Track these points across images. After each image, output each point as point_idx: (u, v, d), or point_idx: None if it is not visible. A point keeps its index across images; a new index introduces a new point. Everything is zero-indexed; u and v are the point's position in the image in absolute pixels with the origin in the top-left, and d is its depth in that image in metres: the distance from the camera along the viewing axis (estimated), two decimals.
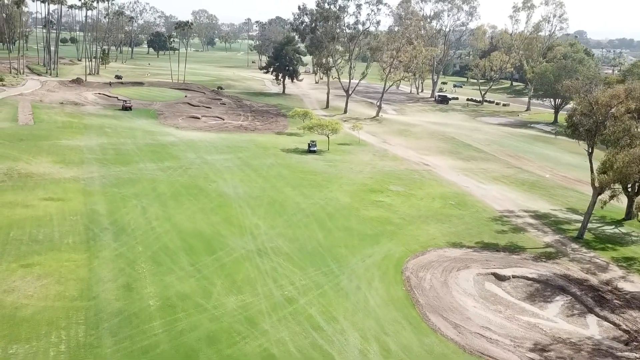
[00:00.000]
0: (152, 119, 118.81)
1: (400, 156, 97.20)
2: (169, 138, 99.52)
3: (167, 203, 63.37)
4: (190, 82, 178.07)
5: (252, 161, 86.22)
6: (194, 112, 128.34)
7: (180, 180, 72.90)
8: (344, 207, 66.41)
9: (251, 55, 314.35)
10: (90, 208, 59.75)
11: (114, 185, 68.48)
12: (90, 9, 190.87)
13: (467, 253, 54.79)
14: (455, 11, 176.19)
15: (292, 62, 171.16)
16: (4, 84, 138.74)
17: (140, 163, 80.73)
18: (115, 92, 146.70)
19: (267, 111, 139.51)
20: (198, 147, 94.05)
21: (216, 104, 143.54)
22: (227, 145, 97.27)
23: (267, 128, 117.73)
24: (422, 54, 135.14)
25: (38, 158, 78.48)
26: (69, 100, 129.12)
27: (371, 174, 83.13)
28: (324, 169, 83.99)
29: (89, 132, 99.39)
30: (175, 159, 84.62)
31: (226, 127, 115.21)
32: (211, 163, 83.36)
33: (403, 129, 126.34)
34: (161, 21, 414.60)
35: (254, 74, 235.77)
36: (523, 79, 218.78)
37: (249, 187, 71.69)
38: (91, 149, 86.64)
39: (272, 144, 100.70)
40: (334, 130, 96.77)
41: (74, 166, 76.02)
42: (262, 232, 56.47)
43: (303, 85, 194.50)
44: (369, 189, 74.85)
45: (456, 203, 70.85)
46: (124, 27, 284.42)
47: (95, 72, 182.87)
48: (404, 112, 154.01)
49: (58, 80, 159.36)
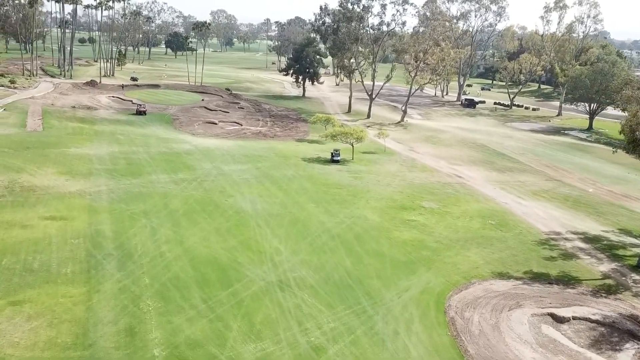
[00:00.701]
0: (167, 124, 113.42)
1: (431, 167, 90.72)
2: (184, 146, 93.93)
3: (180, 222, 57.59)
4: (207, 84, 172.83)
5: (271, 172, 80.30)
6: (211, 117, 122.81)
7: (194, 194, 67.13)
8: (373, 227, 60.17)
9: (270, 56, 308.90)
10: (95, 229, 54.12)
11: (122, 201, 62.86)
12: (107, 8, 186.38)
13: (516, 286, 48.29)
14: (483, 11, 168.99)
15: (312, 64, 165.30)
16: (15, 86, 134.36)
17: (153, 174, 75.13)
18: (130, 95, 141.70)
19: (287, 116, 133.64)
20: (214, 156, 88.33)
21: (234, 108, 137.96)
22: (245, 154, 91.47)
23: (287, 135, 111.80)
24: (450, 56, 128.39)
25: (43, 169, 73.18)
26: (82, 104, 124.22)
27: (400, 187, 76.78)
28: (349, 182, 77.80)
29: (100, 139, 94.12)
30: (190, 169, 78.96)
31: (244, 134, 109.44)
32: (228, 174, 77.57)
33: (430, 135, 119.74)
34: (179, 21, 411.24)
35: (273, 76, 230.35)
36: (551, 81, 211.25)
37: (268, 203, 65.74)
38: (101, 158, 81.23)
39: (293, 153, 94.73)
40: (359, 138, 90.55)
41: (81, 178, 70.57)
42: (284, 258, 50.44)
43: (323, 87, 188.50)
44: (400, 205, 68.51)
45: (497, 223, 64.29)
46: (142, 27, 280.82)
47: (110, 74, 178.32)
48: (430, 116, 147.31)
49: (72, 82, 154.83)
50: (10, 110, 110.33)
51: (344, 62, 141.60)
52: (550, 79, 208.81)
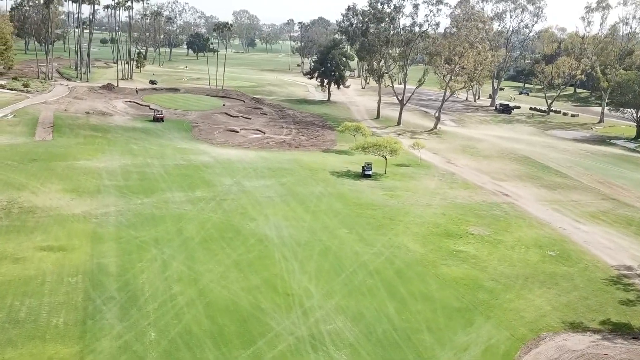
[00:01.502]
0: (186, 132, 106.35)
1: (472, 182, 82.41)
2: (203, 157, 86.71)
3: (195, 254, 50.18)
4: (229, 88, 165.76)
5: (297, 189, 72.70)
6: (232, 124, 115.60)
7: (212, 217, 59.71)
8: (417, 260, 52.19)
9: (293, 57, 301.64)
10: (97, 262, 46.90)
11: (131, 226, 55.64)
12: (126, 9, 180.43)
13: (595, 343, 40.04)
14: (519, 12, 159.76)
15: (338, 67, 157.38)
16: (29, 90, 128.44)
17: (167, 192, 67.93)
18: (148, 99, 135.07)
19: (312, 122, 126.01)
20: (235, 169, 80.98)
21: (257, 113, 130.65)
22: (268, 166, 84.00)
23: (313, 144, 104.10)
24: (488, 59, 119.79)
25: (47, 185, 66.32)
26: (96, 109, 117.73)
27: (442, 208, 68.66)
28: (383, 201, 69.87)
29: (112, 149, 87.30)
30: (208, 186, 71.64)
31: (267, 143, 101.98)
32: (250, 192, 70.11)
33: (467, 145, 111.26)
34: (201, 21, 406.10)
35: (296, 78, 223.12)
36: (587, 85, 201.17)
37: (295, 228, 58.10)
38: (112, 172, 74.23)
39: (320, 166, 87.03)
40: (393, 151, 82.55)
41: (87, 197, 63.56)
42: (315, 303, 42.72)
43: (349, 91, 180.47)
44: (444, 231, 60.43)
45: (557, 254, 55.96)
46: (163, 27, 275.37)
47: (128, 77, 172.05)
48: (464, 123, 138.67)
49: (88, 85, 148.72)
50: (20, 117, 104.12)
51: (372, 65, 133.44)
52: (586, 83, 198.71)
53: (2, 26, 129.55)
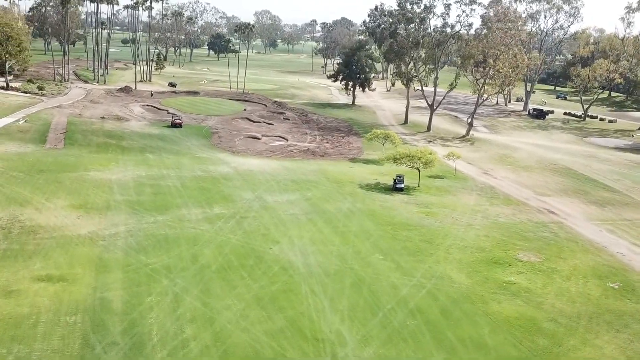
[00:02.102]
0: (205, 139, 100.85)
1: (514, 198, 75.68)
2: (222, 168, 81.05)
3: (211, 285, 44.36)
4: (250, 91, 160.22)
5: (324, 205, 66.64)
6: (253, 131, 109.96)
7: (231, 239, 53.89)
8: (463, 295, 45.81)
9: (315, 59, 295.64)
10: (101, 297, 41.27)
11: (141, 250, 50.00)
12: (146, 9, 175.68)
13: None
14: (554, 12, 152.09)
15: (364, 69, 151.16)
16: (43, 93, 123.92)
17: (183, 208, 62.31)
18: (166, 103, 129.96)
19: (337, 128, 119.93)
20: (257, 181, 75.17)
21: (279, 118, 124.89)
22: (292, 178, 78.09)
23: (338, 152, 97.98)
24: (525, 62, 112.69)
25: (53, 200, 61.02)
26: (112, 114, 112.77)
27: (485, 228, 62.13)
28: (419, 220, 63.50)
29: (126, 158, 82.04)
30: (227, 201, 65.90)
31: (291, 152, 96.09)
32: (272, 208, 64.24)
33: (503, 154, 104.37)
34: (222, 22, 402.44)
35: (319, 80, 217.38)
36: (622, 89, 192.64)
37: (323, 254, 52.04)
38: (124, 185, 68.79)
39: (347, 177, 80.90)
40: (428, 163, 76.05)
41: (96, 214, 58.13)
42: (350, 352, 36.64)
43: (374, 94, 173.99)
44: (490, 257, 53.95)
45: (620, 287, 49.21)
46: (184, 28, 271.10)
47: (147, 79, 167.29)
48: (497, 129, 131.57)
49: (105, 88, 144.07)
50: (32, 122, 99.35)
51: (400, 68, 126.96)
52: (622, 86, 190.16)
53: (16, 26, 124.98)
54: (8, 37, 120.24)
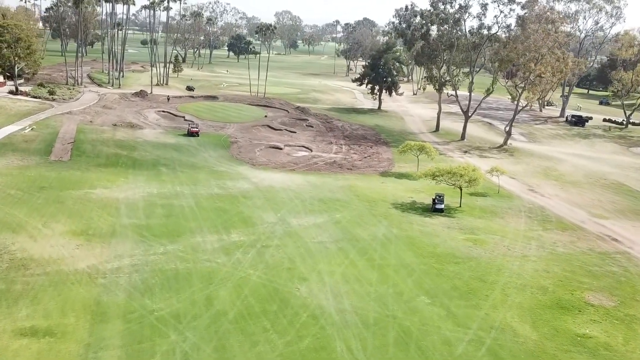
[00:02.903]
0: (223, 149, 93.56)
1: (568, 221, 67.28)
2: (242, 184, 73.61)
3: (228, 340, 36.89)
4: (271, 96, 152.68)
5: (356, 230, 58.91)
6: (275, 140, 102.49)
7: (251, 276, 46.37)
8: (531, 354, 37.81)
9: (337, 60, 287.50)
10: (94, 358, 33.87)
11: (147, 291, 42.68)
12: (164, 9, 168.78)
13: None
14: (595, 12, 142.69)
15: (391, 72, 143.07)
16: (54, 98, 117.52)
17: (197, 234, 54.98)
18: (183, 109, 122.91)
19: (364, 136, 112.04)
20: (280, 200, 67.62)
21: (302, 126, 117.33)
22: (318, 196, 70.43)
23: (367, 165, 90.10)
24: (569, 66, 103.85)
25: (51, 225, 53.99)
26: (125, 121, 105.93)
27: (542, 260, 53.95)
28: (466, 250, 55.45)
29: (137, 173, 74.96)
30: (247, 224, 58.47)
31: (316, 164, 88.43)
32: (298, 234, 56.67)
33: (547, 166, 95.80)
34: (242, 22, 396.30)
35: (342, 84, 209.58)
36: None
37: (359, 296, 44.31)
38: (133, 205, 61.61)
39: (379, 195, 73.02)
40: (472, 181, 67.87)
41: (98, 243, 50.98)
42: None
43: (401, 98, 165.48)
44: (555, 300, 45.80)
45: None
46: (203, 29, 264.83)
47: (164, 82, 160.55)
48: (535, 137, 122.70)
49: (119, 92, 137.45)
50: (39, 130, 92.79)
51: (432, 71, 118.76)
52: None
53: (26, 27, 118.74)
54: (17, 38, 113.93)
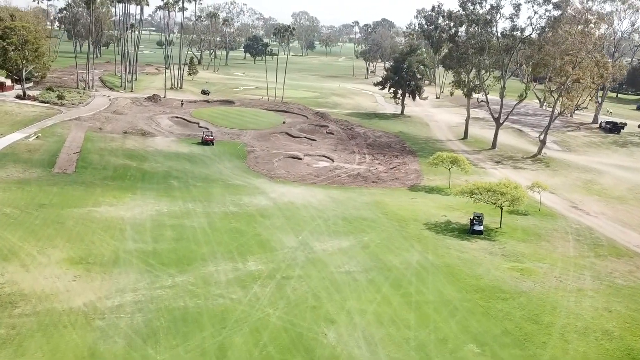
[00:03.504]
0: (239, 160, 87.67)
1: (622, 245, 60.42)
2: (259, 200, 67.57)
3: None
4: (289, 100, 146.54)
5: (386, 256, 52.63)
6: (294, 148, 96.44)
7: (271, 317, 40.23)
8: None
9: (356, 62, 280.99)
10: None
11: (150, 336, 36.70)
12: (178, 10, 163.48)
13: None
14: (631, 13, 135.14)
15: (415, 76, 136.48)
16: (62, 103, 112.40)
17: (210, 261, 49.03)
18: (198, 115, 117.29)
19: (388, 145, 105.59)
20: (301, 220, 61.51)
21: (322, 133, 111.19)
22: (342, 214, 64.22)
23: (394, 177, 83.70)
24: (609, 71, 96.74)
25: (47, 251, 48.28)
26: (136, 127, 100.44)
27: (601, 295, 47.24)
28: (514, 282, 48.88)
29: (146, 187, 69.23)
30: (265, 249, 52.43)
31: (338, 176, 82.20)
32: (322, 261, 50.55)
33: (587, 179, 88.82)
34: (259, 23, 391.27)
35: (361, 87, 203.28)
36: None
37: (396, 344, 38.01)
38: (139, 226, 55.79)
39: (410, 213, 66.63)
40: (515, 200, 61.17)
41: (98, 273, 45.18)
42: None
43: (423, 102, 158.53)
44: (624, 349, 39.20)
45: None
46: (220, 29, 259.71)
47: (178, 86, 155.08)
48: (569, 146, 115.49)
49: (131, 96, 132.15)
50: (45, 138, 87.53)
51: (460, 75, 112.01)
52: None
53: (33, 28, 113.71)
54: (25, 40, 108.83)
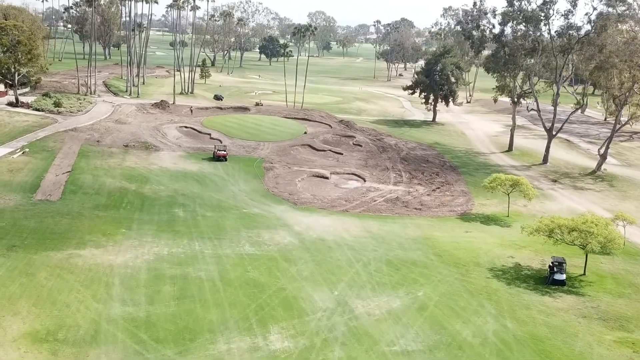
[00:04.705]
0: (256, 180, 75.26)
1: None
2: (281, 236, 55.08)
3: None
4: (310, 106, 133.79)
5: (452, 325, 40.02)
6: (318, 164, 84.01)
7: None
8: None
9: (378, 63, 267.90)
10: None
11: None
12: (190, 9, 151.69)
13: None
14: None
15: (449, 80, 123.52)
16: (59, 111, 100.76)
17: (219, 335, 36.98)
18: (209, 124, 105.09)
19: (425, 159, 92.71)
20: (334, 264, 49.07)
21: (348, 144, 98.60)
22: (385, 256, 51.66)
23: (439, 202, 70.87)
24: None
25: (5, 322, 36.30)
26: (139, 140, 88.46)
27: None
28: None
29: (144, 219, 56.98)
30: (292, 313, 40.11)
31: (373, 201, 69.53)
32: (367, 332, 38.26)
33: None
34: (275, 23, 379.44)
35: (384, 90, 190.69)
36: None
37: None
38: (131, 279, 43.56)
39: (468, 253, 53.88)
40: (608, 242, 48.01)
41: (68, 357, 32.87)
42: None
43: (454, 108, 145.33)
44: None
45: None
46: (234, 30, 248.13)
47: (188, 91, 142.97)
48: (628, 160, 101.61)
49: (137, 103, 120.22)
50: (33, 154, 75.79)
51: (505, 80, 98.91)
52: None
53: (27, 28, 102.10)
54: (17, 42, 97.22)
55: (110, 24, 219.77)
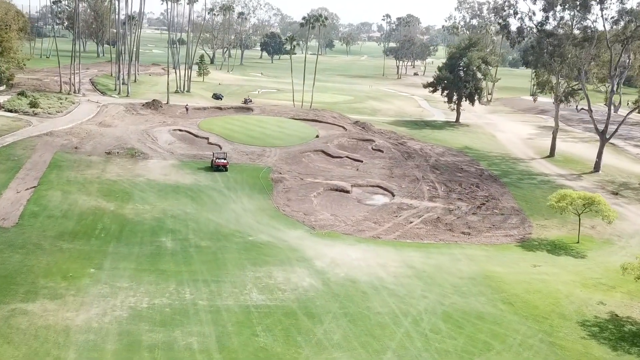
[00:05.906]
0: (263, 195, 62.14)
1: None
2: (300, 277, 41.98)
3: None
4: (319, 105, 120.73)
5: None
6: (336, 174, 70.98)
7: None
8: None
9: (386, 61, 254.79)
10: None
11: None
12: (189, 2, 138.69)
13: None
14: None
15: (475, 76, 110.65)
16: (35, 112, 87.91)
17: None
18: (206, 126, 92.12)
19: (459, 166, 79.69)
20: (375, 322, 36.19)
21: (367, 149, 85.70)
22: (441, 306, 38.72)
23: (489, 224, 57.73)
24: None
25: None
26: (125, 146, 75.46)
27: None
28: None
29: (120, 253, 43.89)
30: None
31: (409, 222, 56.41)
32: None
33: None
34: (276, 20, 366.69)
35: (397, 88, 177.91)
36: None
37: None
38: (92, 352, 30.56)
39: (546, 299, 40.92)
40: None
41: None
42: None
43: (476, 108, 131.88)
44: None
45: None
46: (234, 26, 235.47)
47: (184, 90, 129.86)
48: None
49: (126, 102, 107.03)
50: None
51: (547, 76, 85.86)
52: None
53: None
54: None
55: (103, 19, 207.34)
